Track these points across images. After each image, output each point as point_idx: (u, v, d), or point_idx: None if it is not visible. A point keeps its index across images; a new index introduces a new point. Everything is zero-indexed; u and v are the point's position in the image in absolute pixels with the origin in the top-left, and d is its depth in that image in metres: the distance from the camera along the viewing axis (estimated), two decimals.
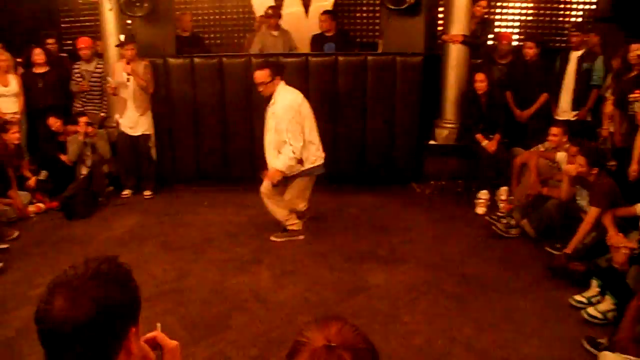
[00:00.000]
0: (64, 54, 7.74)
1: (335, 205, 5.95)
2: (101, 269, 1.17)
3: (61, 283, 1.15)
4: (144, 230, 5.45)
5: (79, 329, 1.10)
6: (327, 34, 7.19)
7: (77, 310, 1.10)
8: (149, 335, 1.38)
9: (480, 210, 5.72)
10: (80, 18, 9.46)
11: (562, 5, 8.56)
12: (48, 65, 6.78)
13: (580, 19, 8.29)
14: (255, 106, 6.37)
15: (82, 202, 5.83)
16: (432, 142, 6.55)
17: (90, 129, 6.12)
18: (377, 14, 7.76)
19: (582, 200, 4.67)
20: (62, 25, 9.42)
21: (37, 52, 6.71)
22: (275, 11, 7.39)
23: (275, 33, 7.26)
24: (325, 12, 7.38)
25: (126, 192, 6.46)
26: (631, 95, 4.98)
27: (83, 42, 7.01)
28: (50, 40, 7.29)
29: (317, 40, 7.27)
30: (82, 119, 6.17)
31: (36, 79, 6.70)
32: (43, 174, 6.36)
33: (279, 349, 3.30)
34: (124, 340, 1.17)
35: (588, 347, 3.30)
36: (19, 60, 6.92)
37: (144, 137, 6.37)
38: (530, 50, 6.30)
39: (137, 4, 6.24)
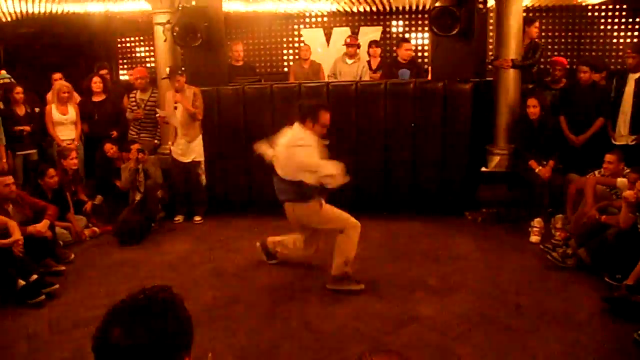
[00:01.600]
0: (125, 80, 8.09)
1: (386, 233, 5.89)
2: (157, 299, 1.20)
3: (118, 312, 1.18)
4: (194, 256, 5.52)
5: (134, 358, 1.11)
6: (402, 61, 7.32)
7: (132, 340, 1.13)
8: None
9: (535, 238, 5.55)
10: (136, 49, 9.85)
11: (616, 27, 8.35)
12: (105, 93, 7.08)
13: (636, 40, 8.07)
14: None
15: (135, 227, 5.98)
16: (484, 169, 6.43)
17: (141, 155, 6.30)
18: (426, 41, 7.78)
19: None
20: (119, 56, 9.84)
21: (95, 80, 7.03)
22: (354, 41, 7.68)
23: (349, 61, 7.68)
24: (405, 41, 7.60)
25: (178, 218, 6.59)
26: None
27: (139, 73, 7.30)
28: (103, 71, 7.60)
29: (391, 66, 7.44)
30: (134, 147, 6.36)
31: (93, 109, 6.99)
32: (98, 199, 6.59)
33: None
34: None
35: None
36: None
37: (195, 164, 6.51)
38: (585, 75, 6.14)
39: (191, 35, 6.43)
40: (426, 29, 8.31)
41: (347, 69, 7.65)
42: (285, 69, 9.14)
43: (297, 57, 8.66)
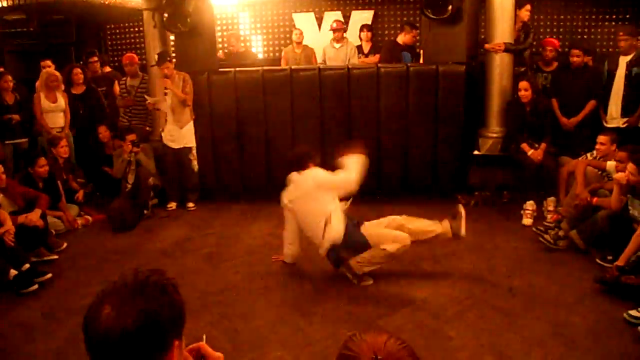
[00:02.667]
0: (109, 70, 7.97)
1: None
2: (149, 281, 1.19)
3: (110, 293, 1.18)
4: (188, 242, 5.52)
5: (124, 338, 1.12)
6: (401, 44, 7.28)
7: (123, 320, 1.12)
8: (193, 345, 1.39)
9: (527, 221, 5.58)
10: (125, 34, 9.76)
11: (608, 9, 8.33)
12: (84, 84, 6.94)
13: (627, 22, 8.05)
14: (298, 118, 6.44)
15: (128, 214, 5.96)
16: (476, 152, 6.44)
17: (135, 149, 6.25)
18: (418, 25, 7.72)
19: (635, 210, 4.49)
20: (108, 42, 9.74)
21: (76, 71, 6.90)
22: (339, 24, 7.61)
23: (337, 45, 7.61)
24: (412, 25, 7.48)
25: (171, 205, 6.58)
26: None
27: (128, 59, 7.23)
28: (93, 58, 7.51)
29: (392, 48, 7.36)
30: (129, 137, 6.30)
31: (74, 101, 6.88)
32: (88, 187, 6.55)
33: None
34: (168, 353, 1.18)
35: None
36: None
37: (186, 150, 6.48)
38: (577, 59, 6.13)
39: (180, 20, 6.37)
40: (418, 12, 8.25)
41: (335, 54, 7.60)
42: (277, 54, 9.08)
43: (289, 42, 8.59)
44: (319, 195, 4.33)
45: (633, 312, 3.68)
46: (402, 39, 7.36)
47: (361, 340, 1.13)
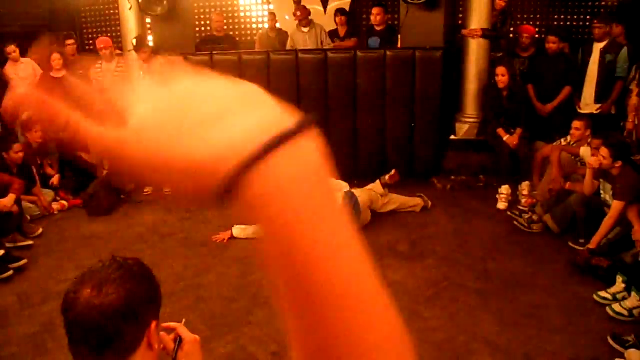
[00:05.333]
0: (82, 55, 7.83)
1: None
2: (127, 264, 1.23)
3: (89, 275, 1.21)
4: (165, 227, 5.49)
5: (103, 318, 1.14)
6: (377, 28, 7.18)
7: (103, 299, 1.15)
8: (171, 324, 1.42)
9: (502, 205, 5.66)
10: (100, 17, 9.58)
11: None
12: (65, 68, 6.82)
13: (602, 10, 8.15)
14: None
15: (104, 199, 5.90)
16: (452, 137, 6.49)
17: None
18: (397, 9, 7.72)
19: (606, 195, 4.59)
20: (83, 25, 9.55)
21: (54, 57, 6.76)
22: (303, 10, 7.46)
23: (305, 30, 7.38)
24: (378, 6, 7.25)
25: (147, 189, 6.52)
26: None
27: (102, 42, 7.08)
28: (69, 41, 7.36)
29: (365, 34, 7.31)
30: None
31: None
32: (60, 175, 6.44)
33: None
34: (146, 334, 1.21)
35: (614, 344, 3.25)
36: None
37: None
38: (554, 45, 6.18)
39: (156, 3, 6.28)
40: None
41: (304, 38, 7.39)
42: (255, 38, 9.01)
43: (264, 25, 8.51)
44: None
45: (602, 293, 3.79)
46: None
47: None
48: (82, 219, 5.79)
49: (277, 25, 7.97)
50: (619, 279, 3.80)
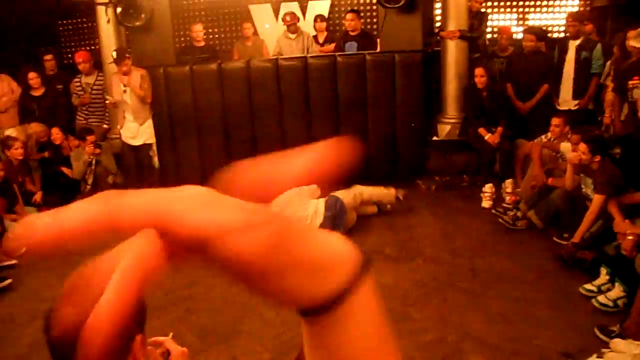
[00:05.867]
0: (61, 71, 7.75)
1: None
2: None
3: (70, 291, 1.17)
4: None
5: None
6: (351, 33, 7.24)
7: (83, 316, 1.12)
8: (158, 339, 1.41)
9: (486, 204, 5.71)
10: (78, 30, 9.51)
11: None
12: (44, 86, 6.76)
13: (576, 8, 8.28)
14: (257, 111, 6.43)
15: None
16: (434, 138, 6.54)
17: (97, 150, 6.14)
18: (375, 13, 7.79)
19: (587, 189, 4.65)
20: (62, 39, 9.47)
21: (31, 76, 6.69)
22: (292, 16, 7.50)
23: (292, 36, 7.45)
24: (352, 11, 7.41)
25: None
26: (631, 82, 4.97)
27: (81, 56, 7.05)
28: (48, 57, 7.30)
29: (341, 39, 7.35)
30: (90, 138, 6.16)
31: (32, 104, 6.68)
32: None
33: (291, 352, 3.29)
34: (130, 349, 1.20)
35: (600, 335, 3.30)
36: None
37: (146, 147, 6.41)
38: (531, 43, 6.27)
39: (135, 15, 6.26)
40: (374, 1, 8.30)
41: (292, 45, 7.52)
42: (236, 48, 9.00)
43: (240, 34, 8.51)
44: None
45: (588, 286, 3.84)
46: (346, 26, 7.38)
47: None
48: None
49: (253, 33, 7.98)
50: (603, 270, 3.86)
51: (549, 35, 7.87)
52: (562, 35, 7.88)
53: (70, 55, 9.04)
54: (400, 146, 6.42)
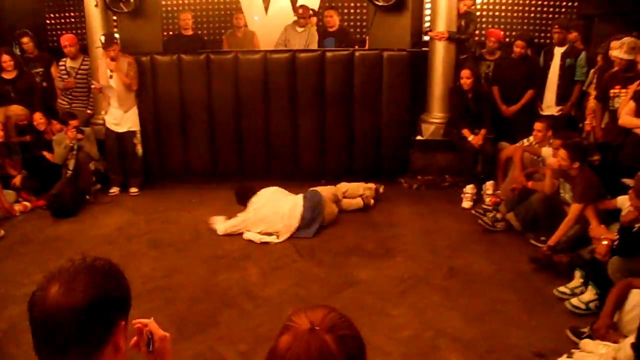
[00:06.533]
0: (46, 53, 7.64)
1: None
2: (96, 264, 1.22)
3: (58, 272, 1.19)
4: (131, 228, 5.43)
5: (70, 316, 1.13)
6: (330, 29, 7.27)
7: (70, 297, 1.14)
8: (142, 320, 1.43)
9: (467, 204, 5.78)
10: (66, 14, 9.38)
11: (546, 2, 8.64)
12: (16, 69, 6.64)
13: (562, 15, 8.37)
14: (243, 102, 6.42)
15: (69, 200, 5.80)
16: (419, 137, 6.59)
17: (79, 135, 6.08)
18: (365, 10, 7.80)
19: (566, 194, 4.74)
20: (47, 22, 9.34)
21: (4, 59, 6.58)
22: (305, 10, 7.49)
23: (300, 30, 7.44)
24: (331, 8, 7.49)
25: (113, 190, 6.44)
26: (612, 91, 5.05)
27: (67, 40, 6.95)
28: (25, 39, 7.16)
29: (320, 35, 7.39)
30: (72, 123, 6.08)
31: (6, 86, 6.57)
32: (23, 173, 6.30)
33: (269, 344, 3.29)
34: (113, 334, 1.20)
35: (571, 336, 3.37)
36: None
37: (130, 134, 6.35)
38: (522, 50, 6.28)
39: (123, 0, 6.20)
40: None
41: (296, 37, 7.46)
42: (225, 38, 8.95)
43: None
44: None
45: (562, 288, 3.92)
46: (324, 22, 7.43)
47: (303, 313, 1.19)
48: (46, 220, 5.68)
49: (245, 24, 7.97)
50: (577, 274, 3.94)
51: (535, 40, 7.95)
52: (547, 41, 7.97)
53: (55, 39, 8.92)
54: (384, 144, 6.45)
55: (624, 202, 4.18)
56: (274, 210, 5.12)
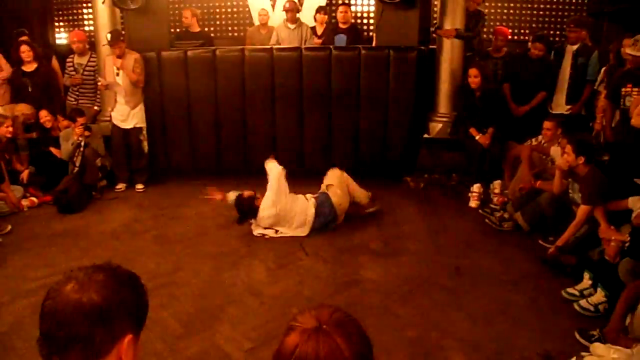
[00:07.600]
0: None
1: None
2: (118, 270, 1.23)
3: (79, 270, 1.20)
4: (137, 224, 5.43)
5: (76, 312, 1.12)
6: (342, 26, 7.23)
7: (82, 294, 1.13)
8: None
9: (474, 203, 5.74)
10: (74, 11, 9.41)
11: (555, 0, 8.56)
12: (36, 61, 6.66)
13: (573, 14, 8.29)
14: (248, 98, 6.41)
15: (76, 196, 5.81)
16: (425, 135, 6.55)
17: (86, 133, 6.08)
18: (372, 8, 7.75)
19: (574, 194, 4.68)
20: (55, 19, 9.37)
21: (23, 49, 6.60)
22: (293, 5, 7.47)
23: (291, 26, 7.45)
24: (344, 4, 7.46)
25: (120, 186, 6.45)
26: (624, 89, 4.99)
27: (76, 36, 6.98)
28: (23, 38, 7.15)
29: (331, 31, 7.36)
30: (80, 120, 6.09)
31: (23, 79, 6.58)
32: (30, 168, 6.32)
33: (273, 342, 3.28)
34: (117, 345, 1.16)
35: (580, 338, 3.33)
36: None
37: (136, 130, 6.36)
38: (539, 52, 6.18)
39: None
40: None
41: (290, 35, 7.50)
42: (231, 34, 8.94)
43: (247, 22, 8.45)
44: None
45: (570, 290, 3.87)
46: (337, 18, 7.39)
47: (309, 312, 1.17)
48: (53, 215, 5.69)
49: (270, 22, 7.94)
50: (586, 275, 3.89)
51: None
52: (558, 39, 7.90)
53: (63, 35, 8.94)
54: (390, 142, 6.42)
55: (635, 202, 4.12)
56: (285, 217, 5.06)
